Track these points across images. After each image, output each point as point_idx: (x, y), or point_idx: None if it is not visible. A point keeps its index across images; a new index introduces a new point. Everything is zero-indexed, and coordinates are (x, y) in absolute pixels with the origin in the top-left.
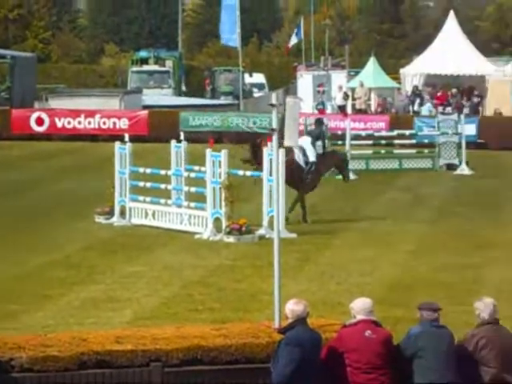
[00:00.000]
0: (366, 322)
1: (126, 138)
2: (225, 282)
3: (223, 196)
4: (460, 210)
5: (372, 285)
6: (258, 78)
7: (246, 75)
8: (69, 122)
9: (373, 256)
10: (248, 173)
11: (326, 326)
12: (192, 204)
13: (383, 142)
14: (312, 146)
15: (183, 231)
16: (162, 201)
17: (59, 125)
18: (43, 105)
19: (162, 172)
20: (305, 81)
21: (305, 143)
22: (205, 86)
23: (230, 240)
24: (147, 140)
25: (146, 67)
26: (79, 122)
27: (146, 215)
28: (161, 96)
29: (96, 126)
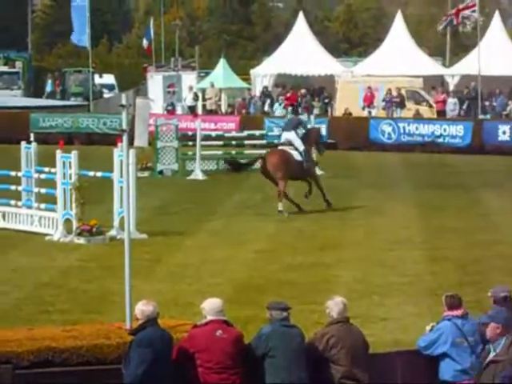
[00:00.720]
0: (217, 322)
1: None
2: (75, 284)
3: (74, 197)
4: (309, 210)
5: (223, 285)
6: (108, 78)
7: (96, 76)
8: None
9: (224, 256)
10: (98, 174)
11: (177, 326)
12: (42, 205)
13: (234, 142)
14: (295, 134)
15: (34, 233)
16: (13, 202)
17: None
18: None
19: (12, 173)
20: (155, 82)
21: (290, 136)
22: (55, 87)
23: (81, 241)
24: None
25: None
26: None
27: None
28: (10, 97)
29: None
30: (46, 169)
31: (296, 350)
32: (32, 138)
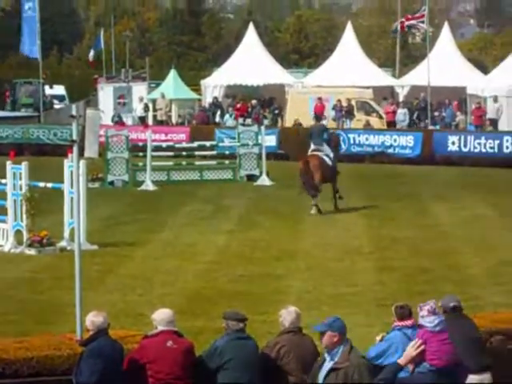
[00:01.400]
0: (168, 333)
1: None
2: (26, 295)
3: (24, 208)
4: (260, 221)
5: (174, 296)
6: (59, 89)
7: (47, 87)
8: None
9: (175, 267)
10: (49, 185)
11: (128, 337)
12: None
13: (184, 153)
14: (322, 140)
15: None
16: None
17: None
18: None
19: None
20: (106, 93)
21: (320, 143)
22: (5, 98)
23: (32, 252)
24: None
25: None
26: None
27: None
28: None
29: None
30: None
31: (250, 362)
32: None
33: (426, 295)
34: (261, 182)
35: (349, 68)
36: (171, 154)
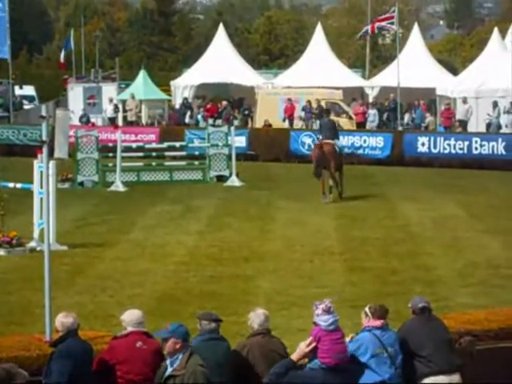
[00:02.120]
0: (137, 334)
1: None
2: None
3: None
4: (230, 221)
5: (144, 296)
6: (28, 90)
7: (16, 87)
8: None
9: (145, 268)
10: (18, 185)
11: (97, 337)
12: None
13: (154, 154)
14: (331, 134)
15: None
16: None
17: None
18: None
19: None
20: (75, 93)
21: (330, 137)
22: None
23: (1, 253)
24: None
25: None
26: None
27: None
28: None
29: None
30: None
31: (222, 363)
32: None
33: (396, 296)
34: (230, 182)
35: (319, 69)
36: (141, 154)
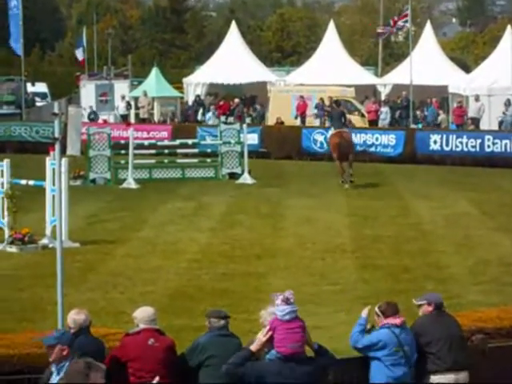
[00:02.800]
0: (149, 331)
1: None
2: (7, 292)
3: (6, 206)
4: (242, 219)
5: (155, 293)
6: (41, 87)
7: (29, 84)
8: None
9: (157, 265)
10: (31, 182)
11: (109, 334)
12: None
13: (166, 151)
14: (341, 123)
15: None
16: None
17: None
18: None
19: None
20: (88, 90)
21: (341, 126)
22: None
23: (13, 250)
24: None
25: None
26: None
27: None
28: None
29: None
30: None
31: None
32: None
33: (408, 293)
34: (243, 180)
35: (331, 66)
36: (153, 151)
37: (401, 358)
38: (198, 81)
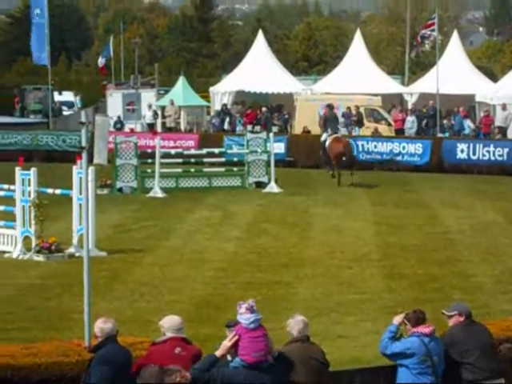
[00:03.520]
0: (176, 340)
1: None
2: (35, 301)
3: (33, 214)
4: (268, 228)
5: (182, 303)
6: (68, 96)
7: (56, 93)
8: None
9: (183, 274)
10: (58, 191)
11: (136, 343)
12: (1, 223)
13: (193, 160)
14: (335, 127)
15: None
16: None
17: None
18: None
19: None
20: (114, 99)
21: (338, 130)
22: (14, 104)
23: (40, 259)
24: None
25: None
26: None
27: None
28: None
29: None
30: (5, 186)
31: None
32: None
33: (434, 303)
34: (269, 189)
35: (358, 75)
36: (180, 160)
37: (428, 368)
38: (224, 90)
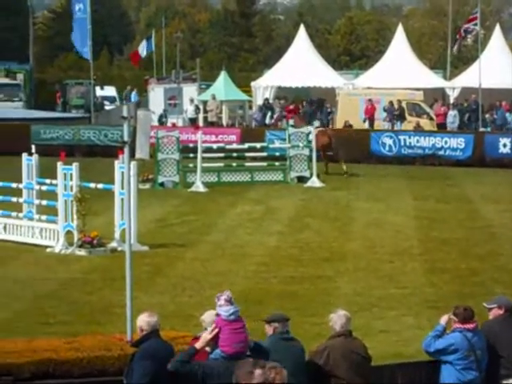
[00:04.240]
0: None
1: None
2: (76, 295)
3: (75, 209)
4: (310, 222)
5: None
6: (110, 90)
7: (98, 88)
8: None
9: (225, 268)
10: (100, 186)
11: (178, 338)
12: (43, 217)
13: (235, 154)
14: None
15: (35, 244)
16: (14, 214)
17: None
18: None
19: (13, 185)
20: (156, 94)
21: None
22: (56, 99)
23: (82, 253)
24: None
25: None
26: None
27: None
28: (12, 109)
29: None
30: (48, 180)
31: (296, 362)
32: (33, 150)
33: (476, 297)
34: (311, 183)
35: (399, 70)
36: (221, 155)
37: (472, 363)
38: (266, 84)
